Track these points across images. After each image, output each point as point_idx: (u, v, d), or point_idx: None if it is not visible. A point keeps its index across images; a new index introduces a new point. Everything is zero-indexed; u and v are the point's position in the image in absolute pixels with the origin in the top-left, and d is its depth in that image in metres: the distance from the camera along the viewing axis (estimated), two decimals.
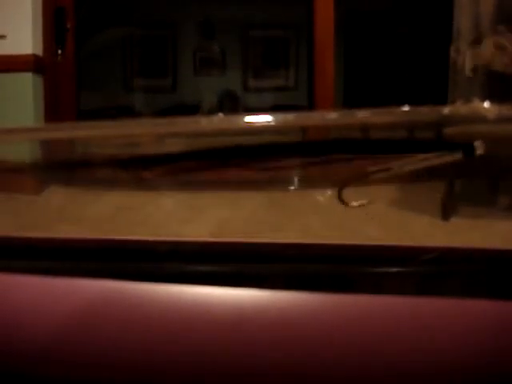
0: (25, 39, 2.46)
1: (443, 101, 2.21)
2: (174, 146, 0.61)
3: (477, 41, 1.98)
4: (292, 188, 0.82)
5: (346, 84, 4.25)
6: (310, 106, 2.92)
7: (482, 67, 1.97)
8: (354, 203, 0.60)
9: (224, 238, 0.67)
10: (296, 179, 0.78)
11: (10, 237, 0.67)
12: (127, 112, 4.22)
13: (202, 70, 4.70)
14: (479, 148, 0.53)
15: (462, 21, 2.07)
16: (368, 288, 0.58)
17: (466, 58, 2.03)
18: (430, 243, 0.61)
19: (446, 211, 1.92)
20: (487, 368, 0.36)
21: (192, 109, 4.24)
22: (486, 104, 0.51)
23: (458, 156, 0.53)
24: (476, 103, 0.52)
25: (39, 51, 2.53)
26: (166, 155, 0.59)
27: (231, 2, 4.33)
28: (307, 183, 0.75)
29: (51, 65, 2.59)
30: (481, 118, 0.51)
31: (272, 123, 0.54)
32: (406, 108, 0.52)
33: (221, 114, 0.56)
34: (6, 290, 0.42)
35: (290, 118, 0.54)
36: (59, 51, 2.62)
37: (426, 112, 0.54)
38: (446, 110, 0.53)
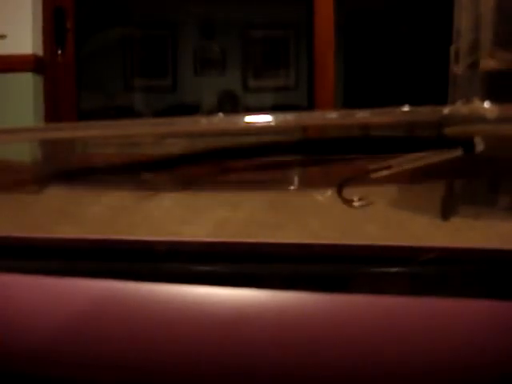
0: (25, 39, 2.46)
1: (443, 101, 2.21)
2: (174, 147, 0.61)
3: (477, 41, 1.98)
4: (292, 188, 0.82)
5: (347, 84, 4.25)
6: (310, 106, 2.91)
7: (482, 67, 1.97)
8: (355, 202, 0.60)
9: (224, 238, 0.67)
10: (296, 179, 0.78)
11: (10, 237, 0.66)
12: (127, 112, 4.23)
13: (202, 70, 4.70)
14: (479, 144, 0.53)
15: (462, 21, 2.07)
16: (368, 288, 0.58)
17: (465, 58, 2.03)
18: (430, 243, 0.61)
19: (446, 211, 1.92)
20: (487, 368, 0.36)
21: (192, 109, 4.24)
22: (486, 104, 0.51)
23: (457, 153, 0.53)
24: (476, 103, 0.52)
25: (39, 51, 2.53)
26: (166, 158, 0.60)
27: (231, 2, 4.33)
28: (307, 183, 0.75)
29: (51, 65, 2.59)
30: (481, 118, 0.51)
31: (272, 123, 0.54)
32: (406, 108, 0.52)
33: (221, 114, 0.56)
34: (6, 289, 0.42)
35: (290, 118, 0.55)
36: (59, 51, 2.62)
37: (426, 112, 0.54)
38: (446, 110, 0.53)
